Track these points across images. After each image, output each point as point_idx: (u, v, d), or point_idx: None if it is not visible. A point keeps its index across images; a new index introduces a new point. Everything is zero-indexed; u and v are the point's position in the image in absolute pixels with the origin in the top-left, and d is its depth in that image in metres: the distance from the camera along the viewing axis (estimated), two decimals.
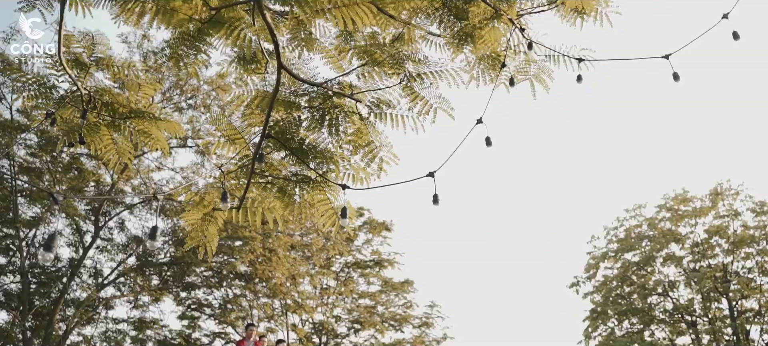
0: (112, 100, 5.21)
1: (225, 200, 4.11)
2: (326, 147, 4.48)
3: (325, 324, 24.83)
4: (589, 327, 18.41)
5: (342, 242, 24.27)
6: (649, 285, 18.40)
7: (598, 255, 19.13)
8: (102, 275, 19.80)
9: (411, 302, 26.53)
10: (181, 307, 23.55)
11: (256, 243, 17.66)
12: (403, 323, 26.45)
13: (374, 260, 26.19)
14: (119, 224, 20.11)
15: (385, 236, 26.38)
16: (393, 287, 26.47)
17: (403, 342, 26.39)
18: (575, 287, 18.87)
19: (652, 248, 18.16)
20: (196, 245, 4.74)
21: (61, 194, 4.23)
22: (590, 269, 19.01)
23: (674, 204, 18.88)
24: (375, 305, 26.29)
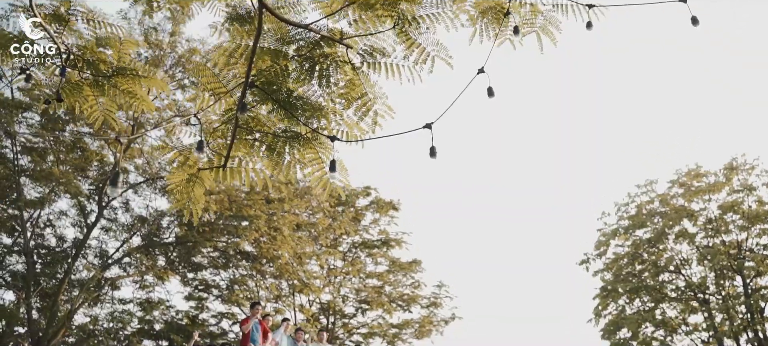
0: (94, 57, 4.95)
1: (200, 150, 3.82)
2: (317, 101, 4.20)
3: (332, 304, 24.67)
4: (600, 305, 18.09)
5: (348, 221, 24.04)
6: (661, 263, 18.03)
7: (609, 232, 18.75)
8: (107, 256, 19.69)
9: (419, 281, 26.33)
10: (188, 288, 23.48)
11: (260, 222, 17.44)
12: (411, 303, 26.27)
13: (381, 240, 25.96)
14: (124, 203, 19.97)
15: (393, 215, 26.16)
16: (400, 267, 26.25)
17: (411, 322, 26.21)
18: (585, 264, 18.54)
19: (664, 225, 17.75)
20: (180, 207, 4.48)
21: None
22: (600, 247, 18.65)
23: (687, 180, 18.43)
24: (383, 286, 26.11)
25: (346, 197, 25.00)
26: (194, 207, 4.52)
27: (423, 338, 26.58)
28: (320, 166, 4.38)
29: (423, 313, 26.62)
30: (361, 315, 25.55)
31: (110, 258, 19.63)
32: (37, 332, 17.12)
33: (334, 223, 22.75)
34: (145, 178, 18.73)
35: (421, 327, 25.96)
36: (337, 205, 24.26)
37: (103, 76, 5.10)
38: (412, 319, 26.35)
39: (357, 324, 25.79)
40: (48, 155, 18.23)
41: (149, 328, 22.78)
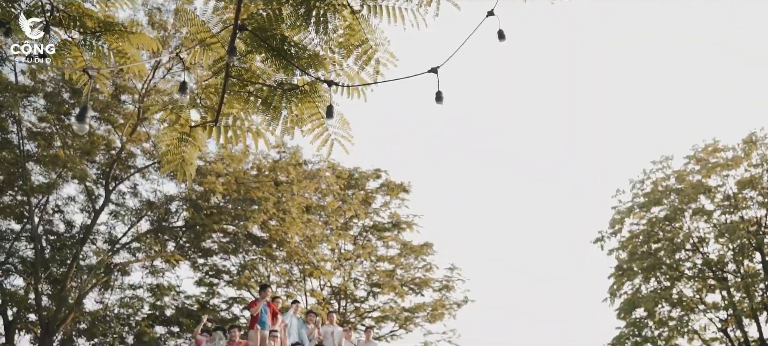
0: (80, 13, 4.69)
1: (183, 91, 3.54)
2: (314, 49, 3.90)
3: (343, 287, 24.48)
4: (615, 284, 17.73)
5: (358, 203, 23.79)
6: (678, 240, 17.63)
7: (624, 209, 18.33)
8: (116, 241, 19.57)
9: (431, 264, 26.07)
10: (198, 273, 23.38)
11: (269, 204, 17.22)
12: (422, 286, 26.04)
13: (392, 223, 25.72)
14: (132, 188, 19.83)
15: (403, 198, 25.88)
16: (412, 250, 26.00)
17: (424, 306, 25.99)
18: (600, 242, 18.17)
19: (680, 202, 17.34)
20: (173, 169, 4.22)
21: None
22: (615, 225, 18.25)
23: (704, 155, 17.96)
24: (394, 269, 25.89)
25: (356, 180, 24.76)
26: (187, 168, 4.27)
27: (435, 321, 26.38)
28: (320, 122, 4.10)
29: (435, 296, 26.40)
30: (373, 299, 25.36)
31: (118, 242, 19.52)
32: (46, 318, 17.05)
33: (344, 205, 22.51)
34: (152, 161, 18.55)
35: (433, 310, 25.74)
36: (346, 187, 24.02)
37: (91, 34, 4.85)
38: (425, 302, 26.14)
39: (368, 308, 25.63)
40: (54, 140, 18.08)
41: (160, 313, 22.73)
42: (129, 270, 21.60)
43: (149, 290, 22.49)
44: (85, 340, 23.21)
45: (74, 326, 20.99)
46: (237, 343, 13.02)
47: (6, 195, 19.17)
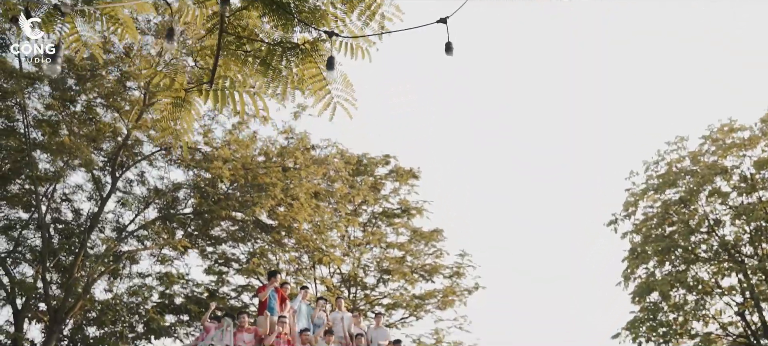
0: None
1: (170, 39, 3.30)
2: (314, 4, 3.65)
3: (353, 274, 24.32)
4: (628, 268, 17.41)
5: (367, 189, 23.56)
6: (693, 223, 17.27)
7: (638, 191, 17.96)
8: (124, 228, 19.45)
9: (441, 250, 25.82)
10: (207, 261, 23.27)
11: (276, 190, 17.02)
12: (433, 273, 25.81)
13: (402, 209, 25.49)
14: (139, 176, 19.69)
15: (413, 183, 25.63)
16: (422, 237, 25.77)
17: (434, 292, 25.77)
18: (613, 225, 17.81)
19: (695, 183, 16.96)
20: (167, 135, 4.01)
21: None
22: (629, 207, 17.88)
23: (720, 135, 17.54)
24: (404, 256, 25.68)
25: (365, 166, 24.53)
26: (182, 136, 4.05)
27: (446, 308, 26.17)
28: (322, 84, 3.85)
29: (445, 283, 26.18)
30: (383, 285, 25.19)
31: (125, 229, 19.40)
32: (54, 306, 16.99)
33: (353, 190, 22.27)
34: (159, 147, 18.38)
35: (443, 297, 25.52)
36: (355, 174, 23.79)
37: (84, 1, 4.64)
38: (435, 289, 25.92)
39: (379, 295, 25.45)
40: (61, 128, 17.94)
41: (169, 302, 22.65)
42: (137, 258, 21.51)
43: (158, 278, 22.41)
44: (95, 329, 23.21)
45: (83, 315, 20.95)
46: (246, 329, 12.87)
47: (13, 184, 19.11)
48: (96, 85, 16.09)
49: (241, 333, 12.69)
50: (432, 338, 26.37)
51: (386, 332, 15.36)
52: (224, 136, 18.07)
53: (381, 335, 15.06)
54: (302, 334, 13.49)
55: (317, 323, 14.49)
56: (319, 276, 24.55)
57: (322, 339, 13.90)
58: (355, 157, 24.14)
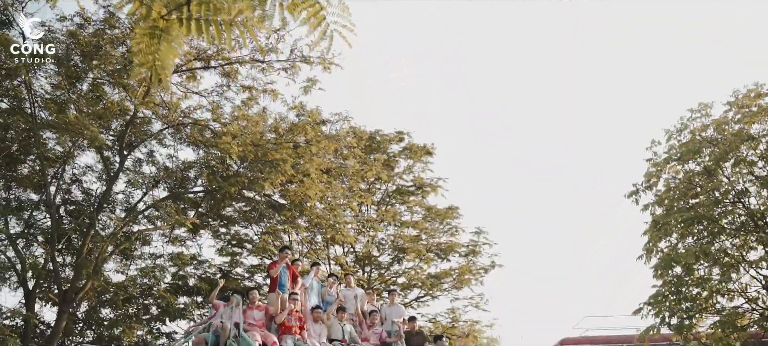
0: None
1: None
2: None
3: (366, 253, 23.96)
4: (650, 241, 16.82)
5: (381, 166, 23.11)
6: (718, 193, 16.62)
7: (660, 161, 17.31)
8: (134, 207, 19.20)
9: (457, 227, 25.35)
10: (219, 241, 23.03)
11: (287, 166, 16.63)
12: (448, 251, 25.37)
13: (416, 186, 25.04)
14: (148, 155, 19.40)
15: (427, 160, 25.14)
16: (437, 215, 25.32)
17: (450, 271, 25.35)
18: (634, 196, 17.19)
19: (720, 152, 16.28)
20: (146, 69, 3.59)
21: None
22: (650, 178, 17.25)
23: (746, 102, 16.82)
24: (419, 234, 25.26)
25: (378, 143, 24.07)
26: (161, 71, 3.63)
27: (463, 287, 25.76)
28: (317, 10, 3.41)
29: (461, 262, 25.75)
30: (398, 264, 24.80)
31: (135, 209, 19.14)
32: (64, 287, 16.82)
33: (365, 166, 21.81)
34: (167, 124, 18.05)
35: (459, 275, 25.10)
36: (368, 151, 23.34)
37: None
38: (451, 268, 25.51)
39: (394, 274, 25.09)
40: (68, 108, 17.65)
41: (183, 283, 22.47)
42: (149, 239, 21.32)
43: (170, 259, 22.20)
44: (110, 311, 23.10)
45: (97, 296, 20.82)
46: (256, 306, 12.55)
47: (24, 166, 18.93)
48: (102, 61, 15.74)
49: (251, 311, 12.38)
50: (448, 317, 26.02)
51: (401, 310, 15.00)
52: (232, 111, 17.70)
53: (395, 313, 14.71)
54: (314, 311, 13.18)
55: (328, 301, 14.17)
56: (332, 256, 24.24)
57: (335, 316, 13.58)
58: (367, 134, 23.69)
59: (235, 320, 11.71)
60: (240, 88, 17.62)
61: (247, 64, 16.96)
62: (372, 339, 13.77)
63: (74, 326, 21.99)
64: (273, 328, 12.49)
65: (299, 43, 16.81)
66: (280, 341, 11.92)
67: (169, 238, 20.20)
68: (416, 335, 14.78)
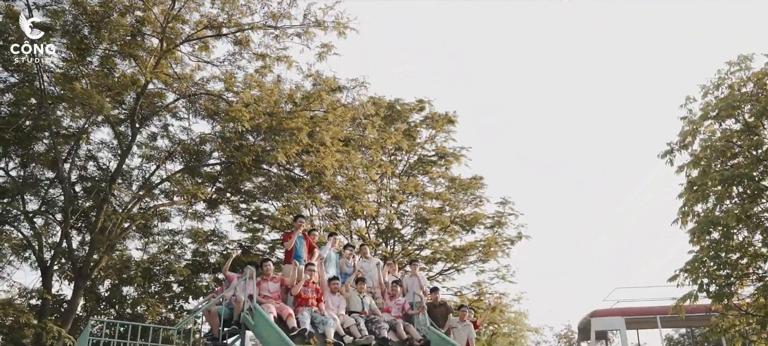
0: None
1: None
2: None
3: (389, 225, 23.39)
4: (686, 204, 15.88)
5: (401, 135, 22.39)
6: (759, 152, 15.56)
7: (695, 119, 16.30)
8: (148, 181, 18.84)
9: (481, 197, 24.59)
10: (238, 216, 22.63)
11: (302, 134, 16.03)
12: (473, 223, 24.65)
13: (438, 155, 24.30)
14: (162, 129, 18.99)
15: (449, 130, 24.36)
16: (461, 185, 24.57)
17: (475, 244, 24.65)
18: (668, 156, 16.20)
19: (761, 108, 15.20)
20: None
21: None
22: (685, 137, 16.24)
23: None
24: (442, 206, 24.58)
25: (398, 112, 23.35)
26: None
27: (488, 259, 25.08)
28: None
29: (486, 234, 25.04)
30: (421, 236, 24.17)
31: (149, 183, 18.80)
32: (79, 262, 16.59)
33: (385, 134, 21.08)
34: (180, 95, 17.58)
35: (485, 247, 24.41)
36: (388, 122, 22.60)
37: None
38: (476, 240, 24.82)
39: (417, 247, 24.48)
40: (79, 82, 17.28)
41: (204, 260, 22.18)
42: (167, 215, 21.02)
43: (190, 236, 21.90)
44: (133, 289, 22.96)
45: (118, 274, 20.63)
46: (271, 278, 12.05)
47: (39, 144, 18.69)
48: (111, 30, 15.26)
49: (266, 282, 11.87)
50: (474, 290, 25.42)
51: (423, 280, 14.40)
52: (244, 79, 17.12)
53: (417, 283, 14.13)
54: (331, 282, 12.65)
55: (346, 272, 13.64)
56: (355, 229, 23.73)
57: (354, 288, 13.04)
58: (386, 103, 22.98)
59: (249, 292, 11.22)
60: (253, 56, 17.04)
61: (259, 31, 16.38)
62: (394, 310, 13.21)
63: (98, 305, 21.91)
64: (289, 300, 12.00)
65: (312, 6, 16.16)
66: (296, 314, 11.41)
67: (186, 213, 19.83)
68: (439, 306, 14.19)
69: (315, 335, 10.88)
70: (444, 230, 24.17)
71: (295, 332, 10.55)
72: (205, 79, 17.98)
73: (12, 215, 17.47)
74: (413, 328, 12.61)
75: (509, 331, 30.99)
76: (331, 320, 11.38)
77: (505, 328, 30.47)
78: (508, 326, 30.50)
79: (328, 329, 11.11)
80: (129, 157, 19.65)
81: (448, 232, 24.23)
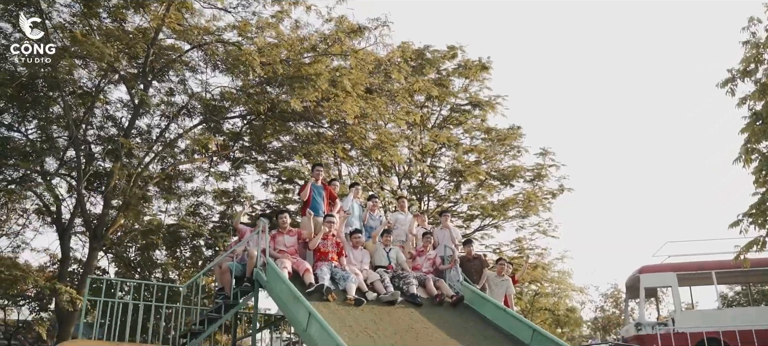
0: None
1: None
2: None
3: (422, 180, 22.23)
4: (749, 140, 14.21)
5: (431, 83, 21.03)
6: None
7: (760, 42, 14.52)
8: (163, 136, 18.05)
9: (519, 147, 23.18)
10: (265, 175, 21.81)
11: (321, 80, 14.90)
12: (511, 177, 23.29)
13: (472, 104, 22.87)
14: (180, 83, 18.11)
15: (483, 78, 22.86)
16: (498, 137, 23.17)
17: (514, 199, 23.32)
18: (729, 86, 14.50)
19: None
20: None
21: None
22: (748, 63, 14.49)
23: None
24: (478, 160, 23.27)
25: (429, 61, 21.96)
26: None
27: (528, 215, 23.76)
28: None
29: (526, 187, 23.66)
30: (457, 191, 22.94)
31: (162, 134, 18.01)
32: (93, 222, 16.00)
33: (412, 78, 19.71)
34: (194, 45, 16.60)
35: (526, 202, 23.06)
36: (417, 72, 21.21)
37: None
38: (515, 195, 23.48)
39: (453, 203, 23.30)
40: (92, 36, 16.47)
41: (230, 222, 21.50)
42: (191, 175, 20.34)
43: (214, 196, 21.21)
44: (163, 253, 22.49)
45: (145, 236, 20.11)
46: (288, 231, 11.06)
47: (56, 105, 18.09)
48: None
49: (282, 236, 10.87)
50: (514, 247, 24.19)
51: (455, 233, 13.25)
52: (257, 22, 16.00)
53: (448, 236, 12.99)
54: (353, 236, 11.60)
55: (371, 225, 12.58)
56: (388, 188, 22.69)
57: (380, 240, 11.98)
58: (416, 51, 21.60)
59: (262, 247, 10.27)
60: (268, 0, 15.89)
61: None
62: (424, 266, 12.13)
63: (129, 271, 21.51)
64: (308, 255, 11.02)
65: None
66: (314, 269, 10.43)
67: (208, 172, 19.04)
68: (473, 260, 13.06)
69: (335, 291, 9.90)
70: (480, 185, 22.91)
71: (312, 289, 9.57)
72: (221, 28, 16.96)
73: (31, 178, 16.99)
74: (445, 283, 11.53)
75: (552, 291, 29.69)
76: (352, 276, 10.38)
77: (548, 288, 29.22)
78: (551, 286, 29.22)
79: (349, 284, 10.11)
80: (149, 115, 18.95)
81: (484, 186, 22.96)
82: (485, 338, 9.61)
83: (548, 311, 29.55)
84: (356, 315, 9.27)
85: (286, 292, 9.12)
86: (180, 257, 22.50)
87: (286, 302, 9.05)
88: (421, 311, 10.25)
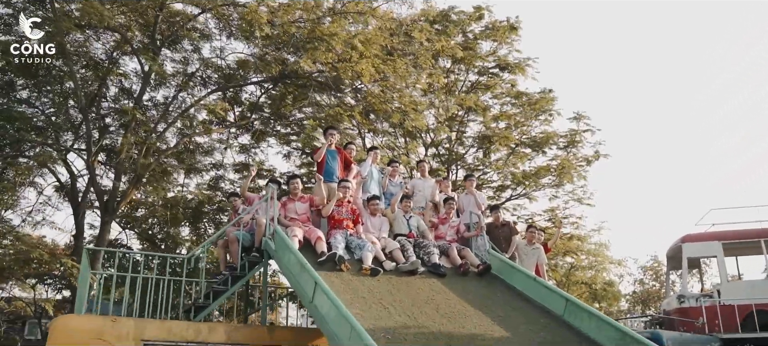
0: None
1: None
2: None
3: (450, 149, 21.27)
4: None
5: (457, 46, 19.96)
6: None
7: None
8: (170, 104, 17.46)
9: (551, 111, 22.00)
10: (287, 147, 21.16)
11: (336, 40, 14.04)
12: (543, 144, 22.17)
13: (500, 66, 21.74)
14: (194, 52, 17.46)
15: (512, 39, 21.67)
16: (529, 101, 22.02)
17: (547, 167, 22.20)
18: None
19: None
20: None
21: None
22: None
23: None
24: (508, 126, 22.19)
25: (454, 23, 20.86)
26: None
27: (562, 183, 22.63)
28: None
29: (559, 154, 22.53)
30: (486, 159, 21.93)
31: (169, 105, 17.41)
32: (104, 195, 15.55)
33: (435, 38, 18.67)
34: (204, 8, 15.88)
35: (559, 169, 21.93)
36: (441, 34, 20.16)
37: None
38: (548, 163, 22.37)
39: (482, 172, 22.32)
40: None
41: None
42: (210, 148, 19.79)
43: (235, 170, 20.67)
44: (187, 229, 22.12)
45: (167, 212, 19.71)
46: (299, 197, 10.31)
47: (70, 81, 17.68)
48: None
49: (293, 203, 10.10)
50: (547, 216, 23.13)
51: (481, 198, 12.34)
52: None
53: (473, 201, 12.09)
54: (370, 202, 10.78)
55: (391, 191, 11.75)
56: (415, 156, 21.83)
57: (400, 207, 11.13)
58: (439, 13, 20.51)
59: (271, 216, 9.54)
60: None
61: None
62: (448, 234, 11.25)
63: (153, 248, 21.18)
64: (323, 223, 10.27)
65: None
66: (328, 238, 9.68)
67: (225, 144, 18.44)
68: (502, 227, 12.13)
69: (350, 260, 9.13)
70: (511, 152, 21.87)
71: (324, 258, 8.81)
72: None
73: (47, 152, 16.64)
74: (470, 252, 10.66)
75: (589, 263, 28.54)
76: (368, 245, 9.58)
77: (585, 260, 28.08)
78: (587, 259, 28.07)
79: (365, 253, 9.32)
80: (165, 87, 18.39)
81: (515, 154, 21.91)
82: (514, 310, 8.74)
83: (585, 285, 28.41)
84: (371, 286, 8.50)
85: (293, 262, 8.38)
86: (203, 233, 22.09)
87: (294, 273, 8.31)
88: (443, 281, 9.42)
